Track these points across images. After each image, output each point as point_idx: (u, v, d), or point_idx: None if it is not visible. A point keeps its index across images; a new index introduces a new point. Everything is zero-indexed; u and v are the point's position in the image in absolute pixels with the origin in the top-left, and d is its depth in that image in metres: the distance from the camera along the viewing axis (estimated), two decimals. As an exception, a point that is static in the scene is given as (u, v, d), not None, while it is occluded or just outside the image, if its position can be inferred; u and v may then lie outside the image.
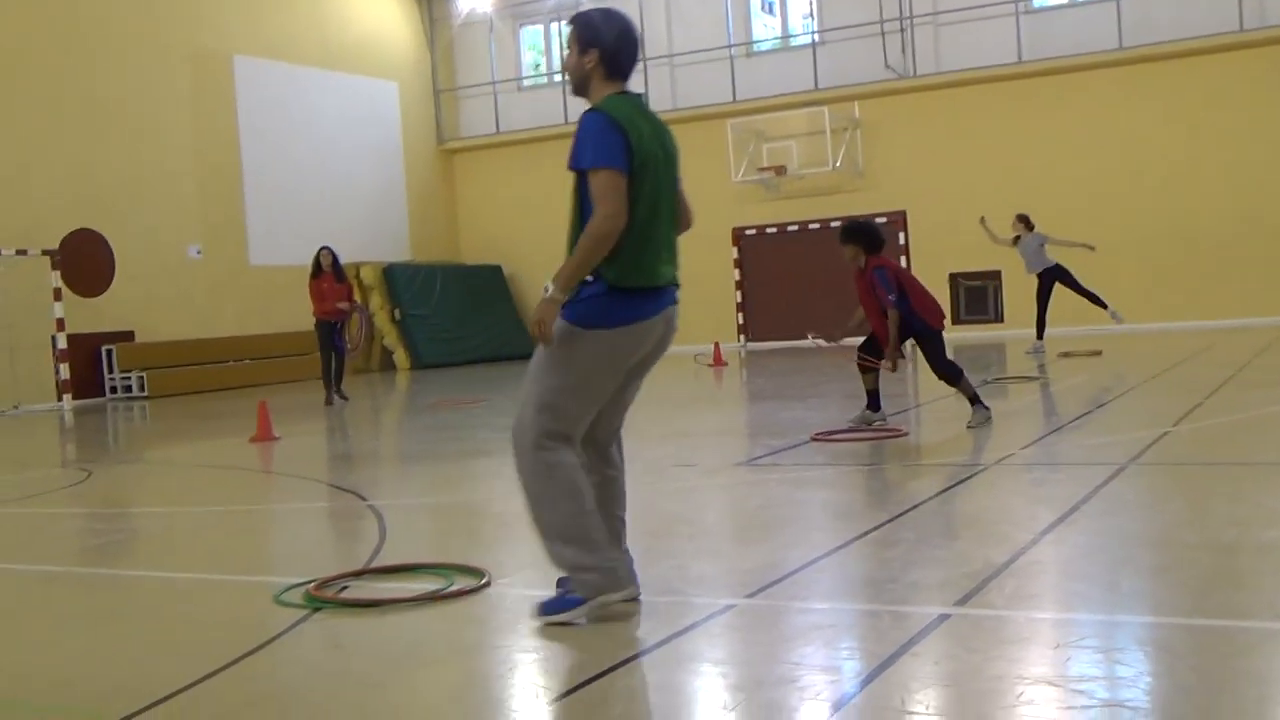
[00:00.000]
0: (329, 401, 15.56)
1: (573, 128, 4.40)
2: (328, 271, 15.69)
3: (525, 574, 5.16)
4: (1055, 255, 16.97)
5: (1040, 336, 16.90)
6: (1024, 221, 17.09)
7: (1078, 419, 9.43)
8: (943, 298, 23.92)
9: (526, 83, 28.12)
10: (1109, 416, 9.69)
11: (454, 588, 4.76)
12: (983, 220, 17.49)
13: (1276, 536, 4.95)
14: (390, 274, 25.12)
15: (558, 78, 27.32)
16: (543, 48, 28.23)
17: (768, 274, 25.44)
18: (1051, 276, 16.83)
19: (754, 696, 3.34)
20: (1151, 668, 3.45)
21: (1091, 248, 17.13)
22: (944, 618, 3.99)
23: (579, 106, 4.40)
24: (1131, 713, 3.09)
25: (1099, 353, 16.32)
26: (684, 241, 4.52)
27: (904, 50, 23.96)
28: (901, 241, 24.25)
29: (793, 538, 5.62)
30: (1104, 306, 16.57)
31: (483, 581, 4.81)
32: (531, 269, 27.57)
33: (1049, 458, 7.71)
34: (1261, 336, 17.28)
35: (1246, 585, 4.28)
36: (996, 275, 23.45)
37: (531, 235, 27.40)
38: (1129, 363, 14.82)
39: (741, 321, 25.68)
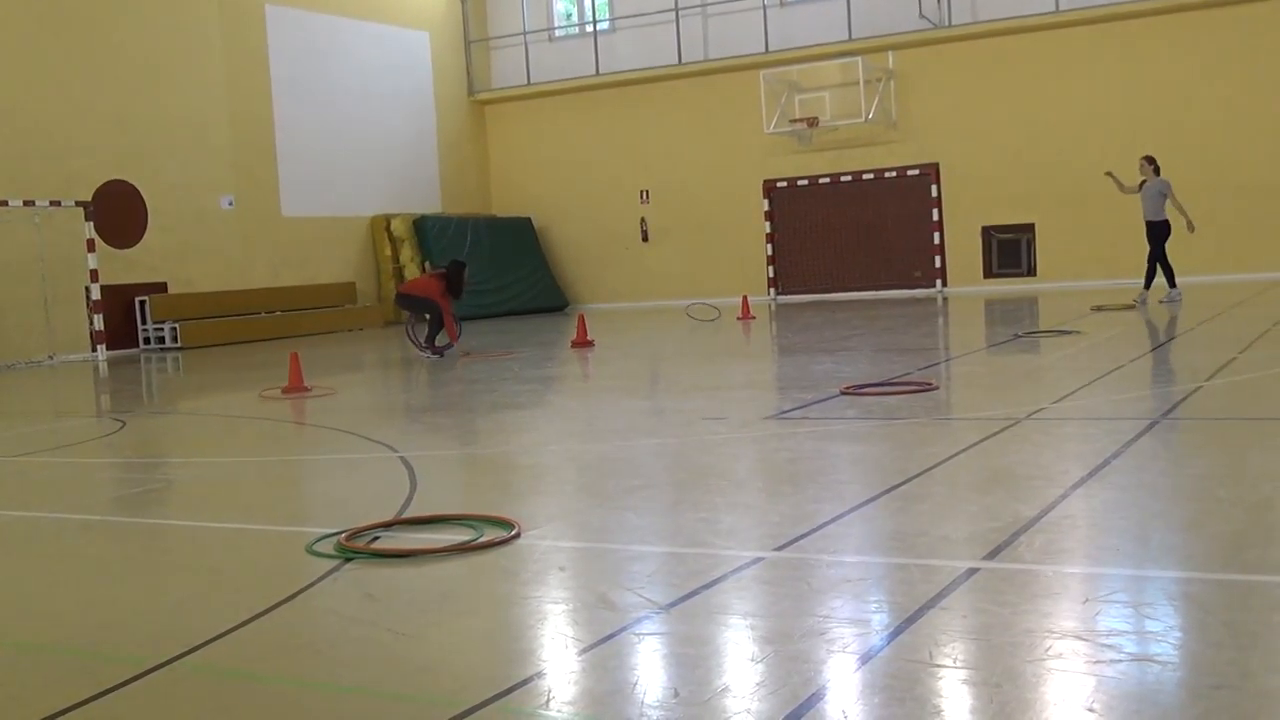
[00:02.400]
0: (439, 351, 14.80)
1: (604, 79, 4.26)
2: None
3: (554, 526, 5.19)
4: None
5: (1173, 284, 16.67)
6: (1152, 164, 16.82)
7: (1110, 373, 9.37)
8: (975, 251, 23.81)
9: (558, 33, 27.96)
10: (1142, 370, 9.63)
11: (484, 539, 4.78)
12: (1109, 174, 17.43)
13: (1310, 492, 4.92)
14: (421, 226, 25.16)
15: (589, 28, 27.18)
16: (574, -2, 28.05)
17: (799, 227, 25.32)
18: (1159, 231, 16.61)
19: (782, 649, 3.35)
20: (1181, 622, 3.44)
21: (1191, 230, 16.71)
22: (973, 572, 3.99)
23: (610, 57, 4.34)
24: (1160, 667, 3.09)
25: (1133, 306, 16.19)
26: (713, 193, 4.48)
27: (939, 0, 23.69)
28: (934, 194, 24.07)
29: (822, 491, 5.62)
30: (1171, 285, 16.52)
31: (512, 533, 4.84)
32: (562, 221, 27.56)
33: (1081, 412, 7.66)
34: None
35: (1279, 540, 4.26)
36: (1029, 228, 23.27)
37: (562, 187, 27.37)
38: (1163, 316, 14.70)
39: (772, 274, 25.60)
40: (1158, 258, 16.68)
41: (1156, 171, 16.80)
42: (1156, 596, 3.69)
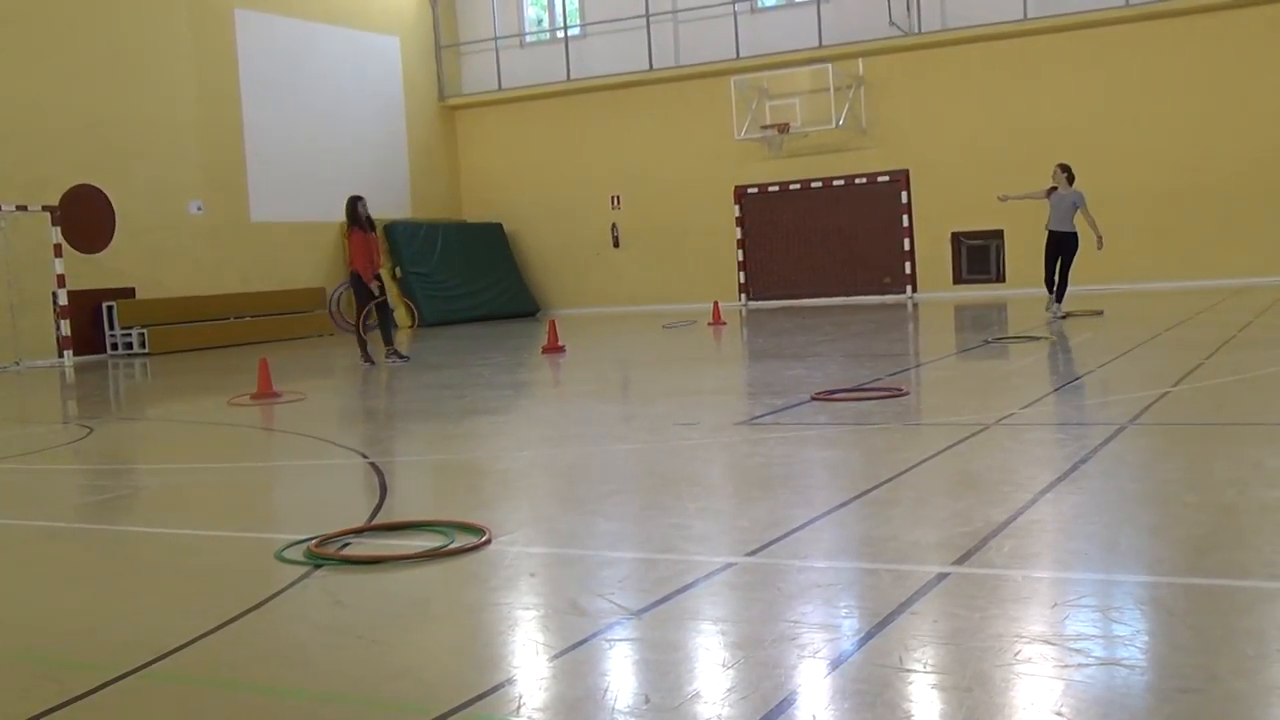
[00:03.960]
0: (369, 360, 14.55)
1: (575, 84, 4.25)
2: (366, 222, 14.61)
3: (525, 532, 5.18)
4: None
5: (1059, 299, 15.92)
6: (1066, 172, 16.01)
7: (1078, 379, 9.43)
8: (944, 257, 23.92)
9: (529, 38, 27.94)
10: (1109, 376, 9.69)
11: (454, 545, 4.77)
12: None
13: (1276, 497, 4.96)
14: (391, 231, 25.07)
15: (560, 34, 27.17)
16: (545, 3, 28.02)
17: (769, 232, 25.38)
18: (1065, 243, 15.85)
19: (753, 654, 3.36)
20: (1149, 626, 3.47)
21: (1100, 246, 15.84)
22: (943, 576, 4.01)
23: (581, 63, 4.33)
24: (1128, 671, 3.11)
25: (1100, 312, 16.30)
26: (684, 199, 4.48)
27: (908, 7, 23.80)
28: (904, 200, 24.18)
29: (793, 496, 5.63)
30: (1054, 300, 15.84)
31: (483, 539, 4.83)
32: (533, 226, 27.53)
33: (1049, 418, 7.71)
34: (1265, 296, 17.26)
35: (1245, 544, 4.29)
36: (999, 234, 23.40)
37: (533, 193, 27.34)
38: (1130, 322, 14.80)
39: (743, 280, 25.65)
40: (1066, 269, 15.93)
41: (1070, 180, 16.00)
42: (1124, 601, 3.72)
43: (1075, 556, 4.29)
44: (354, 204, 14.72)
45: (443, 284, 25.50)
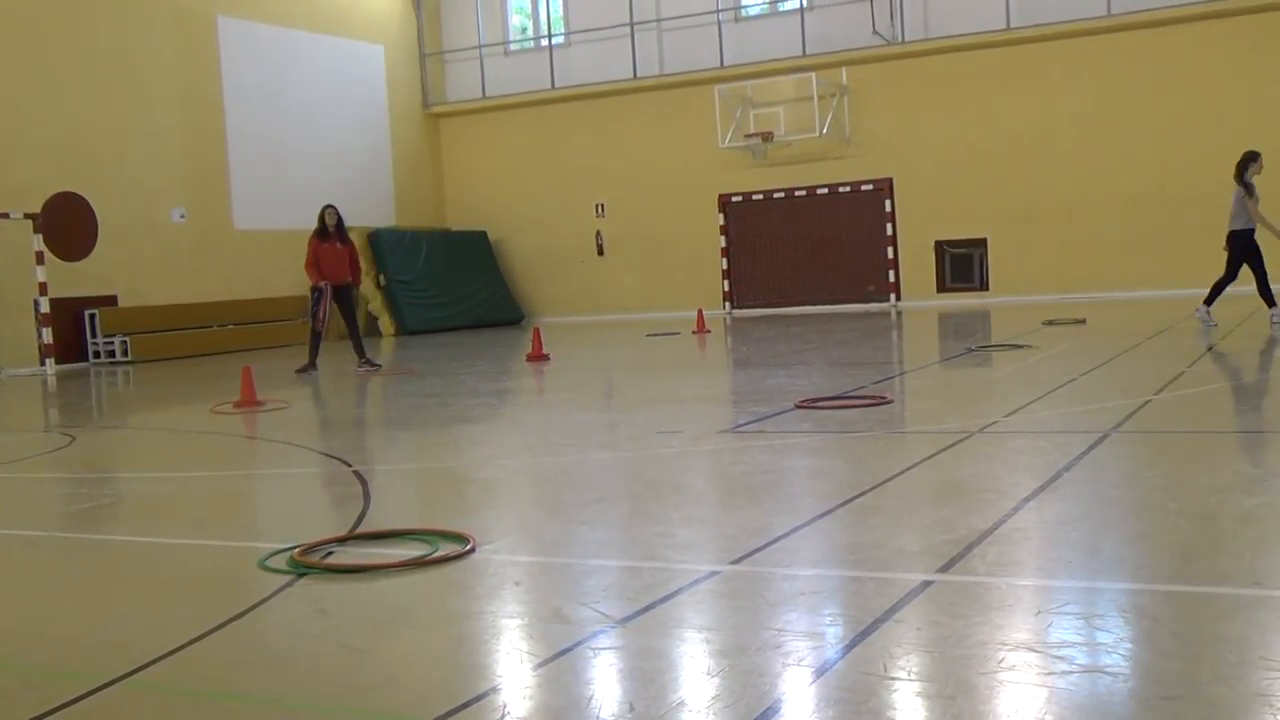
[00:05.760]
0: (312, 367, 15.16)
1: (559, 92, 4.26)
2: (333, 232, 15.09)
3: (509, 540, 5.17)
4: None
5: (1272, 303, 13.95)
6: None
7: (1061, 387, 9.46)
8: (928, 265, 23.99)
9: (513, 46, 27.95)
10: (1092, 384, 9.71)
11: (439, 553, 4.76)
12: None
13: (1256, 504, 4.99)
14: (375, 239, 25.04)
15: (544, 41, 27.19)
16: (530, 11, 28.03)
17: (754, 241, 25.43)
18: (1245, 239, 13.96)
19: (737, 662, 3.36)
20: (1131, 633, 3.48)
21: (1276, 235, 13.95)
22: (927, 584, 4.01)
23: (565, 71, 4.33)
24: (1111, 678, 3.12)
25: (1083, 320, 16.36)
26: (669, 208, 4.48)
27: (892, 16, 23.89)
28: (888, 209, 24.24)
29: (777, 504, 5.64)
30: (1272, 304, 13.97)
31: (467, 547, 4.82)
32: (517, 234, 27.52)
33: (1032, 425, 7.72)
34: (1247, 304, 17.33)
35: (1226, 551, 4.31)
36: (982, 243, 23.48)
37: (517, 200, 27.34)
38: (1113, 331, 14.85)
39: (727, 288, 25.68)
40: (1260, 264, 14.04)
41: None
42: (1107, 608, 3.73)
43: (1058, 564, 4.30)
44: (321, 213, 15.23)
45: (427, 292, 25.47)
